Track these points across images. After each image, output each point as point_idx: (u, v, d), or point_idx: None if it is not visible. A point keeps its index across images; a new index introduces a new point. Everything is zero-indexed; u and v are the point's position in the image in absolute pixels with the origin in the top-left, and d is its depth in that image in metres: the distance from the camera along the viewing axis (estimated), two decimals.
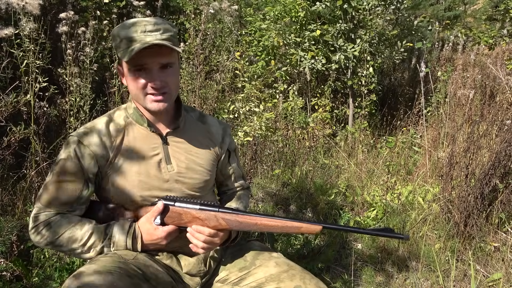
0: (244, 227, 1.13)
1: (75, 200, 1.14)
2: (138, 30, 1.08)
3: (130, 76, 1.13)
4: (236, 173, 1.40)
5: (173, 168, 1.20)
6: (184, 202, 1.14)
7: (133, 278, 1.04)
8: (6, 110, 2.10)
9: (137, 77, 1.11)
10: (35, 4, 2.08)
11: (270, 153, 3.13)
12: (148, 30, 1.08)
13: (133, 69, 1.11)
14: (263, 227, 1.13)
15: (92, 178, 1.15)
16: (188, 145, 1.24)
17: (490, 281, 1.98)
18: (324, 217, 2.55)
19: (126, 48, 1.09)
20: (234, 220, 1.12)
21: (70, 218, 1.13)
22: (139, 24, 1.09)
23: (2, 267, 1.67)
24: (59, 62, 2.57)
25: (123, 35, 1.09)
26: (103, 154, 1.15)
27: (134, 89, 1.14)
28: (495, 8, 5.98)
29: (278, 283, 1.15)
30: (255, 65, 4.01)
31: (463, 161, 2.32)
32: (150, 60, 1.10)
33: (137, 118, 1.20)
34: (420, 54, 4.64)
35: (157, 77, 1.11)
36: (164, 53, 1.11)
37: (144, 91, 1.13)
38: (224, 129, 1.35)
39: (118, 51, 1.12)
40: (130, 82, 1.14)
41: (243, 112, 3.30)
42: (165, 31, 1.10)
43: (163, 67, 1.12)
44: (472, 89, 3.10)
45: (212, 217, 1.12)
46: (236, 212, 1.14)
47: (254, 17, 4.49)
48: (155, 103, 1.13)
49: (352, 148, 3.62)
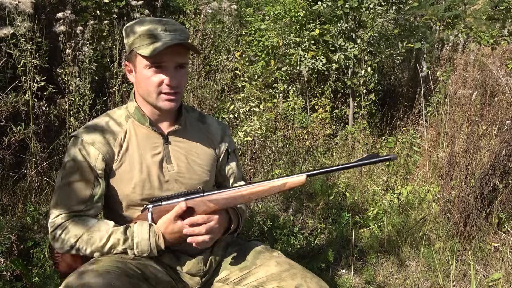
0: (232, 201, 1.13)
1: (88, 199, 1.13)
2: (159, 28, 1.10)
3: (145, 72, 1.13)
4: (236, 174, 1.38)
5: (173, 168, 1.20)
6: (169, 199, 1.14)
7: (132, 277, 1.04)
8: (5, 110, 2.10)
9: (155, 74, 1.12)
10: (28, 2, 2.08)
11: (270, 153, 3.13)
12: (167, 30, 1.10)
13: (152, 66, 1.12)
14: (250, 195, 1.13)
15: (101, 174, 1.15)
16: (188, 145, 1.24)
17: (490, 281, 1.98)
18: (324, 217, 2.55)
19: (147, 44, 1.09)
20: (220, 198, 1.12)
21: (86, 220, 1.12)
22: (159, 23, 1.11)
23: (2, 267, 1.67)
24: (58, 61, 2.57)
25: (142, 31, 1.10)
26: (108, 151, 1.15)
27: (147, 86, 1.14)
28: (495, 8, 5.98)
29: (280, 282, 1.15)
30: (255, 65, 4.01)
31: (463, 161, 2.32)
32: (170, 58, 1.11)
33: (139, 117, 1.20)
34: (420, 54, 4.63)
35: (173, 76, 1.12)
36: (182, 53, 1.13)
37: (159, 89, 1.13)
38: (223, 129, 1.35)
39: (135, 47, 1.12)
40: (145, 79, 1.13)
41: (243, 112, 3.30)
42: (183, 33, 1.13)
43: (178, 67, 1.14)
44: (472, 89, 3.10)
45: (199, 203, 1.12)
46: (220, 190, 1.13)
47: (254, 17, 4.49)
48: (168, 102, 1.14)
49: (352, 148, 3.62)
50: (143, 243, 1.10)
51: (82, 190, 1.12)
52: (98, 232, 1.10)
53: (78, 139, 1.15)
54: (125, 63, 1.20)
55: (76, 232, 1.10)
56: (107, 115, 1.22)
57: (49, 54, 2.44)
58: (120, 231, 1.11)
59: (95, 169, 1.13)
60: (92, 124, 1.18)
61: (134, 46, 1.13)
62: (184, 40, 1.12)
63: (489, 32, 4.48)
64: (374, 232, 2.38)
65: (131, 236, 1.10)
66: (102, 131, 1.16)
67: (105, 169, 1.15)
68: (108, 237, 1.10)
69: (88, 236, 1.09)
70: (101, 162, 1.14)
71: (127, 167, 1.16)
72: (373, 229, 2.40)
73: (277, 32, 4.01)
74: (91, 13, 3.29)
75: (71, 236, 1.09)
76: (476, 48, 4.21)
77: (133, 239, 1.10)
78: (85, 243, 1.09)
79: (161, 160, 1.19)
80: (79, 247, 1.10)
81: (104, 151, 1.14)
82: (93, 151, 1.14)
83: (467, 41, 4.63)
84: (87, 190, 1.13)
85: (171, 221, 1.11)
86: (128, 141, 1.18)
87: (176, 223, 1.10)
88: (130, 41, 1.14)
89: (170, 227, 1.11)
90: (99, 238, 1.09)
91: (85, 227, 1.10)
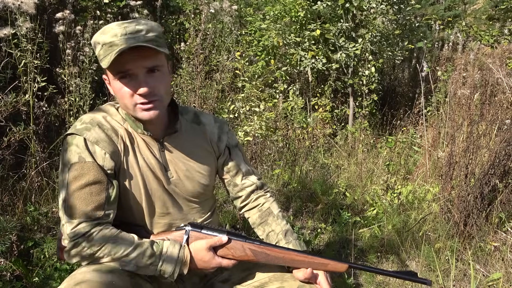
0: (272, 260, 1.11)
1: (105, 202, 1.04)
2: (118, 33, 0.99)
3: (115, 85, 1.04)
4: (244, 169, 1.29)
5: (172, 175, 1.15)
6: (210, 229, 1.11)
7: (133, 277, 1.04)
8: (5, 110, 2.10)
9: (122, 86, 1.03)
10: (31, 3, 2.08)
11: (270, 153, 3.13)
12: (129, 32, 0.99)
13: (117, 77, 1.02)
14: (289, 261, 1.12)
15: (111, 174, 1.06)
16: (185, 150, 1.18)
17: (490, 281, 1.97)
18: (324, 217, 2.55)
19: (106, 54, 1.00)
20: (261, 252, 1.10)
21: (111, 229, 1.04)
22: (119, 27, 1.00)
23: (2, 267, 1.67)
24: (58, 62, 2.57)
25: (102, 41, 1.01)
26: (114, 149, 1.08)
27: (122, 98, 1.05)
28: (495, 8, 5.98)
29: (282, 282, 1.15)
30: (255, 65, 4.01)
31: (463, 160, 2.32)
32: (134, 65, 1.01)
33: (131, 123, 1.12)
34: (421, 54, 4.63)
35: (144, 83, 1.02)
36: (148, 56, 1.02)
37: (133, 100, 1.04)
38: (220, 127, 1.26)
39: (100, 59, 1.03)
40: (117, 91, 1.05)
41: (243, 112, 3.30)
42: (149, 32, 1.01)
43: (149, 71, 1.03)
44: (472, 89, 3.10)
45: (239, 246, 1.10)
46: (264, 244, 1.11)
47: (254, 17, 4.49)
48: (146, 112, 1.05)
49: (352, 148, 3.62)
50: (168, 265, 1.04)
51: (97, 193, 1.03)
52: (121, 244, 1.03)
53: (79, 137, 1.05)
54: (103, 76, 1.11)
55: (100, 241, 1.01)
56: (100, 110, 1.14)
57: (49, 55, 2.44)
58: (146, 246, 1.04)
59: (105, 169, 1.05)
60: (90, 120, 1.08)
61: (99, 58, 1.04)
62: (151, 40, 1.00)
63: (489, 32, 4.48)
64: (374, 232, 2.38)
65: (159, 252, 1.04)
66: (102, 127, 1.08)
67: (115, 169, 1.07)
68: (133, 249, 1.03)
69: (112, 245, 1.02)
70: (109, 161, 1.06)
71: (132, 171, 1.11)
72: (373, 229, 2.40)
73: (277, 32, 4.01)
74: (91, 13, 3.30)
75: (94, 244, 1.01)
76: (476, 47, 4.20)
77: (161, 256, 1.04)
78: (107, 252, 1.02)
79: (159, 167, 1.13)
80: (99, 255, 1.02)
81: (110, 149, 1.06)
82: (98, 150, 1.05)
83: (467, 40, 4.63)
84: (102, 193, 1.04)
85: (205, 249, 1.08)
86: (129, 144, 1.11)
87: (209, 253, 1.08)
88: (96, 52, 1.04)
89: (202, 254, 1.08)
90: (122, 250, 1.02)
91: (109, 237, 1.03)
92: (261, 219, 1.27)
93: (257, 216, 1.28)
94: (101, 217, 1.04)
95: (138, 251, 1.03)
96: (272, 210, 1.28)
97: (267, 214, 1.27)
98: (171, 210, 1.17)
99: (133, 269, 1.03)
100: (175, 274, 1.05)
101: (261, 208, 1.29)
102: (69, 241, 1.01)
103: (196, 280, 1.23)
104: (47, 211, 2.17)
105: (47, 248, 1.86)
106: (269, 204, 1.29)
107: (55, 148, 2.51)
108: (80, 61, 2.58)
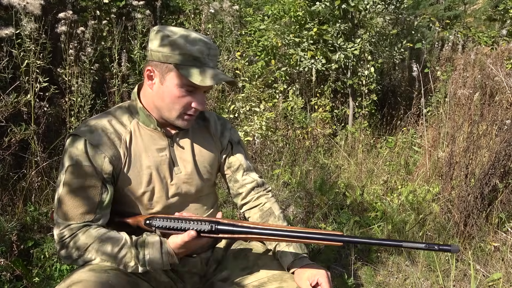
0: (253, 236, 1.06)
1: (97, 206, 1.06)
2: (204, 52, 1.07)
3: (175, 91, 1.08)
4: (245, 165, 1.30)
5: (180, 171, 1.18)
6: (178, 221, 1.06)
7: (130, 276, 1.04)
8: (6, 110, 2.10)
9: (185, 95, 1.10)
10: (36, 4, 2.08)
11: (270, 153, 3.13)
12: (209, 54, 1.08)
13: (185, 87, 1.09)
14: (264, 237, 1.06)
15: (108, 179, 1.08)
16: (193, 146, 1.22)
17: (490, 281, 1.98)
18: (324, 217, 2.55)
19: (192, 66, 1.06)
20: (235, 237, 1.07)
21: (97, 229, 1.05)
22: (205, 46, 1.08)
23: (2, 267, 1.67)
24: (59, 62, 2.57)
25: (190, 51, 1.05)
26: (114, 154, 1.09)
27: (172, 103, 1.10)
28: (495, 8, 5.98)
29: (281, 282, 1.14)
30: (255, 65, 4.01)
31: (463, 161, 2.32)
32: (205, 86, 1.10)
33: (144, 119, 1.14)
34: (420, 54, 4.64)
35: (203, 101, 1.12)
36: None
37: (185, 109, 1.11)
38: (222, 124, 1.31)
39: (176, 64, 1.06)
40: (172, 96, 1.09)
41: (243, 112, 3.30)
42: (216, 56, 1.12)
43: (206, 91, 1.14)
44: (472, 89, 3.10)
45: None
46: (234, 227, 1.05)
47: (253, 17, 4.50)
48: (187, 122, 1.14)
49: (352, 148, 3.62)
50: (155, 262, 1.04)
51: (90, 197, 1.05)
52: (109, 241, 1.03)
53: (80, 139, 1.06)
54: (149, 68, 1.10)
55: (86, 241, 1.03)
56: (108, 113, 1.15)
57: (51, 55, 2.45)
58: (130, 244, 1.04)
59: (101, 173, 1.06)
60: (94, 123, 1.10)
61: (175, 62, 1.06)
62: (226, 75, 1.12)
63: (488, 33, 4.48)
64: (374, 232, 2.38)
65: (142, 252, 1.04)
66: (106, 131, 1.09)
67: (113, 173, 1.09)
68: (119, 249, 1.03)
69: (99, 245, 1.03)
70: (108, 165, 1.07)
71: (135, 171, 1.12)
72: (373, 229, 2.41)
73: (276, 32, 4.01)
74: (91, 13, 3.30)
75: (81, 245, 1.03)
76: (475, 48, 4.21)
77: (144, 257, 1.03)
78: (94, 252, 1.02)
79: (168, 163, 1.16)
80: (87, 256, 1.03)
81: (111, 153, 1.07)
82: (98, 153, 1.06)
83: (466, 41, 4.64)
84: (95, 198, 1.05)
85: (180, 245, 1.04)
86: (134, 143, 1.13)
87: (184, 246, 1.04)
88: (168, 53, 1.05)
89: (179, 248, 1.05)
90: (110, 249, 1.02)
91: (95, 236, 1.03)
92: (262, 219, 1.27)
93: (258, 216, 1.28)
94: (90, 221, 1.06)
95: (124, 251, 1.03)
96: (274, 210, 1.28)
97: (268, 214, 1.27)
98: (175, 206, 1.18)
99: (124, 268, 1.03)
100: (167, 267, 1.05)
101: (262, 208, 1.29)
102: (56, 242, 1.05)
103: (197, 279, 1.23)
104: (47, 211, 2.17)
105: (47, 248, 1.86)
106: (270, 204, 1.29)
107: (55, 148, 2.52)
108: (82, 61, 2.59)
